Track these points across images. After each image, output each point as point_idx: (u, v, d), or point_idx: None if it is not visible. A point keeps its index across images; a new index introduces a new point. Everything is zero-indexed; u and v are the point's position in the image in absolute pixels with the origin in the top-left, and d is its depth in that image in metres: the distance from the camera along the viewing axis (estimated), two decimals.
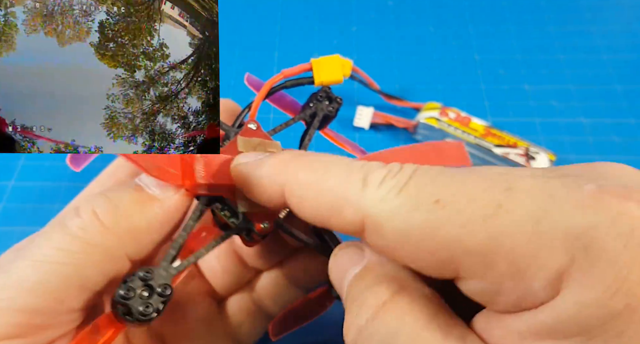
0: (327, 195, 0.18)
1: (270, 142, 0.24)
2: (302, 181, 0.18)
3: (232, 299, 0.29)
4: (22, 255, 0.19)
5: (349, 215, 0.17)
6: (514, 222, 0.14)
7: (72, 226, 0.19)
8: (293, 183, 0.19)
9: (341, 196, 0.17)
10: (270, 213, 0.22)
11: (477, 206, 0.15)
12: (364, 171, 0.17)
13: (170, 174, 0.20)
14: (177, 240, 0.20)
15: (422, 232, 0.15)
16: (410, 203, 0.16)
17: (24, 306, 0.17)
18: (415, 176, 0.16)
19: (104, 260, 0.19)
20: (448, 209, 0.15)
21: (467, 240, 0.14)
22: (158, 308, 0.18)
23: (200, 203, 0.21)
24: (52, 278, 0.18)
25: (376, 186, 0.17)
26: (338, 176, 0.18)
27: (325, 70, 0.26)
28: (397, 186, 0.16)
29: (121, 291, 0.18)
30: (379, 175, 0.17)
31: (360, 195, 0.17)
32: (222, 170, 0.22)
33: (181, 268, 0.20)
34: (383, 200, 0.16)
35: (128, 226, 0.19)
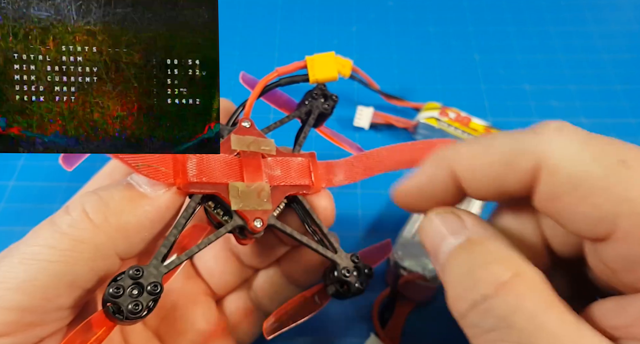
0: (499, 152, 0.18)
1: (264, 140, 0.24)
2: (474, 151, 0.19)
3: (230, 298, 0.29)
4: (10, 253, 0.18)
5: (524, 164, 0.17)
6: None
7: (61, 224, 0.19)
8: (464, 155, 0.19)
9: (516, 146, 0.18)
10: (263, 212, 0.22)
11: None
12: (534, 126, 0.18)
13: (161, 172, 0.20)
14: (169, 238, 0.20)
15: (599, 184, 0.16)
16: (596, 154, 0.16)
17: (13, 304, 0.17)
18: (595, 135, 0.17)
19: (93, 258, 0.19)
20: (633, 170, 0.16)
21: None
22: (148, 306, 0.18)
23: (193, 201, 0.21)
24: (41, 276, 0.18)
25: (557, 133, 0.17)
26: (505, 138, 0.18)
27: (319, 67, 0.26)
28: (582, 137, 0.17)
29: (110, 289, 0.18)
30: (556, 124, 0.18)
31: (539, 141, 0.17)
32: (215, 168, 0.21)
33: (172, 267, 0.20)
34: (566, 146, 0.17)
35: (118, 223, 0.19)
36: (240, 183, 0.22)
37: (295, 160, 0.24)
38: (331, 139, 0.29)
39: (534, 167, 0.17)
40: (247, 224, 0.22)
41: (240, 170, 0.22)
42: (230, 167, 0.22)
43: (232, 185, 0.22)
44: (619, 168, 0.16)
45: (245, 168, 0.22)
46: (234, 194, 0.21)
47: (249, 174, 0.22)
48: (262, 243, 0.27)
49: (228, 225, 0.22)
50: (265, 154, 0.23)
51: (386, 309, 0.32)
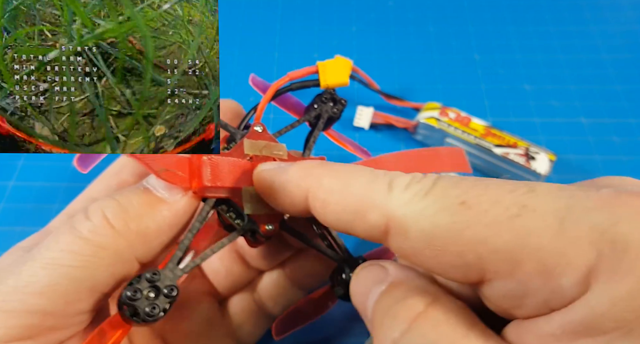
0: (351, 198, 0.18)
1: (276, 144, 0.24)
2: (327, 186, 0.19)
3: (234, 299, 0.29)
4: (32, 257, 0.19)
5: (373, 218, 0.17)
6: (539, 221, 0.14)
7: (82, 229, 0.19)
8: (318, 188, 0.19)
9: (366, 200, 0.17)
10: (275, 215, 0.22)
11: (502, 207, 0.15)
12: (389, 177, 0.18)
13: (178, 177, 0.20)
14: (184, 242, 0.20)
15: (449, 233, 0.16)
16: (437, 204, 0.16)
17: (35, 308, 0.18)
18: (440, 181, 0.17)
19: (114, 263, 0.19)
20: (474, 210, 0.15)
21: (494, 240, 0.15)
22: (164, 308, 0.19)
23: (207, 205, 0.21)
24: (63, 281, 0.18)
25: (402, 190, 0.17)
26: (362, 182, 0.18)
27: (331, 73, 0.26)
28: (423, 190, 0.17)
29: (128, 292, 0.18)
30: (404, 180, 0.17)
31: (386, 198, 0.17)
32: (229, 172, 0.22)
33: (187, 270, 0.20)
34: (409, 202, 0.17)
35: (138, 229, 0.20)
36: (253, 187, 0.22)
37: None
38: (339, 142, 0.29)
39: (385, 224, 0.17)
40: (260, 228, 0.22)
41: (252, 173, 0.22)
42: (243, 171, 0.22)
43: (245, 190, 0.22)
44: (462, 212, 0.15)
45: None
46: (247, 198, 0.22)
47: None
48: (268, 245, 0.27)
49: (240, 229, 0.22)
50: (277, 158, 0.24)
51: None
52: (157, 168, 0.20)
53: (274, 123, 0.41)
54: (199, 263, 0.21)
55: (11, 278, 0.18)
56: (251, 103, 0.26)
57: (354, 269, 0.24)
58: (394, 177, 0.18)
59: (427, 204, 0.16)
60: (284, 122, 0.26)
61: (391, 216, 0.17)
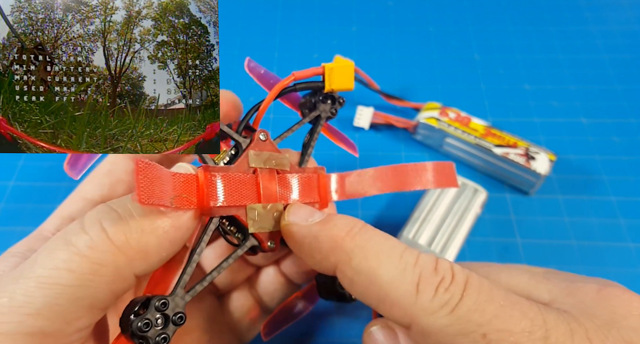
0: (378, 290, 0.19)
1: (279, 155, 0.24)
2: (355, 267, 0.20)
3: (233, 295, 0.29)
4: (26, 274, 0.18)
5: (397, 314, 0.19)
6: None
7: (79, 244, 0.18)
8: (346, 265, 0.20)
9: (392, 297, 0.19)
10: (278, 233, 0.23)
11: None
12: (417, 272, 0.19)
13: (189, 201, 0.19)
14: (191, 265, 0.20)
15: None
16: (459, 327, 0.18)
17: (33, 329, 0.17)
18: (467, 295, 0.18)
19: (113, 280, 0.18)
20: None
21: None
22: (172, 333, 0.19)
23: (213, 224, 0.21)
24: (60, 301, 0.17)
25: (429, 298, 0.18)
26: (391, 272, 0.19)
27: (337, 77, 0.26)
28: (450, 305, 0.18)
29: (139, 323, 0.18)
30: (432, 285, 0.19)
31: (412, 303, 0.19)
32: (236, 192, 0.21)
33: (194, 294, 0.20)
34: (434, 315, 0.18)
35: (138, 245, 0.18)
36: (258, 205, 0.22)
37: (304, 176, 0.25)
38: (331, 137, 0.29)
39: (408, 323, 0.19)
40: (262, 245, 0.22)
41: (257, 189, 0.22)
42: (248, 188, 0.22)
43: (250, 208, 0.22)
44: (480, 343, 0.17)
45: (262, 188, 0.22)
46: (252, 216, 0.22)
47: (265, 194, 0.23)
48: None
49: (244, 246, 0.22)
50: (280, 170, 0.24)
51: None
52: (168, 200, 0.18)
53: (274, 123, 0.41)
54: (206, 285, 0.20)
55: (5, 297, 0.17)
56: (251, 103, 0.26)
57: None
58: (423, 276, 0.19)
59: (450, 322, 0.18)
60: (283, 122, 0.26)
61: (416, 321, 0.18)
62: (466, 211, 0.34)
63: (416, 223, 0.33)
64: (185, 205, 0.19)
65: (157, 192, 0.18)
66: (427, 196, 0.35)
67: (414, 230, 0.33)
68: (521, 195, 0.39)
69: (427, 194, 0.35)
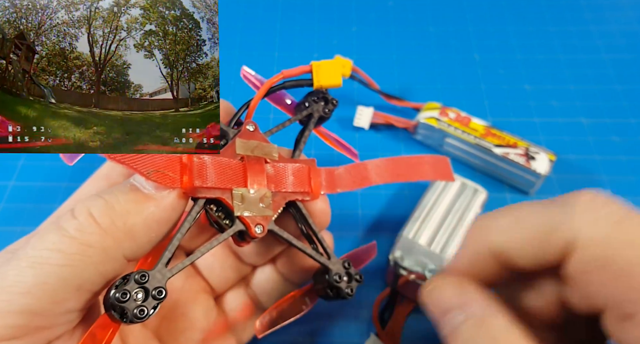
0: (532, 228, 0.20)
1: (267, 144, 0.24)
2: (505, 224, 0.20)
3: (229, 295, 0.29)
4: (17, 256, 0.18)
5: (555, 241, 0.19)
6: None
7: (68, 228, 0.19)
8: (499, 232, 0.21)
9: (548, 223, 0.19)
10: (264, 218, 0.22)
11: None
12: (560, 202, 0.19)
13: (168, 178, 0.20)
14: (173, 243, 0.20)
15: (629, 269, 0.17)
16: (629, 238, 0.18)
17: (21, 308, 0.17)
18: (627, 211, 0.18)
19: (101, 261, 0.19)
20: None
21: None
22: (153, 309, 0.19)
23: (197, 206, 0.21)
24: (50, 280, 0.18)
25: (588, 210, 0.19)
26: (536, 210, 0.20)
27: (325, 74, 0.26)
28: (614, 214, 0.18)
29: (117, 294, 0.18)
30: (588, 197, 0.19)
31: (570, 218, 0.19)
32: (221, 173, 0.22)
33: (176, 271, 0.20)
34: (598, 226, 0.18)
35: (125, 226, 0.19)
36: (244, 189, 0.22)
37: (296, 166, 0.25)
38: (328, 141, 0.29)
39: (566, 244, 0.19)
40: (248, 230, 0.22)
41: (244, 175, 0.22)
42: (234, 172, 0.22)
43: (236, 191, 0.22)
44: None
45: (248, 173, 0.22)
46: (238, 200, 0.22)
47: (252, 180, 0.23)
48: (260, 241, 0.27)
49: (230, 230, 0.22)
50: (268, 159, 0.24)
51: (386, 309, 0.32)
52: (146, 169, 0.19)
53: (274, 123, 0.41)
54: (188, 265, 0.20)
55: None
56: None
57: (338, 273, 0.25)
58: (573, 194, 0.19)
59: (616, 234, 0.18)
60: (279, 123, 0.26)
61: (576, 237, 0.18)
62: (466, 211, 0.34)
63: (416, 223, 0.33)
64: (167, 181, 0.20)
65: (133, 159, 0.19)
66: (427, 196, 0.35)
67: (414, 229, 0.33)
68: (521, 195, 0.39)
69: (427, 194, 0.35)
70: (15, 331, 0.17)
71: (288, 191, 0.24)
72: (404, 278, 0.31)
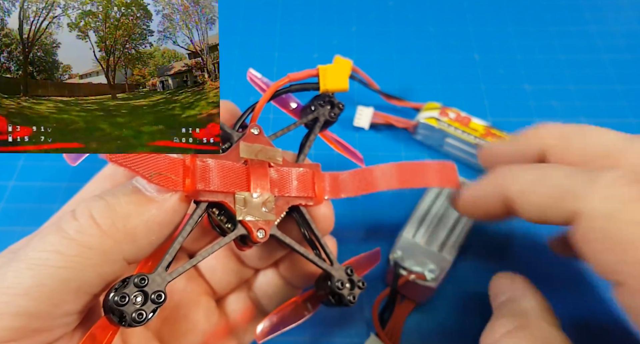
0: (551, 187, 0.21)
1: (271, 148, 0.24)
2: (527, 179, 0.22)
3: (231, 298, 0.29)
4: (17, 258, 0.18)
5: (568, 204, 0.20)
6: None
7: (68, 229, 0.19)
8: (517, 181, 0.23)
9: (567, 187, 0.20)
10: (267, 222, 0.22)
11: None
12: (590, 173, 0.21)
13: (172, 181, 0.20)
14: (174, 246, 0.20)
15: (624, 244, 0.18)
16: (631, 217, 0.18)
17: (20, 310, 0.17)
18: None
19: (101, 263, 0.19)
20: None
21: None
22: (152, 313, 0.19)
23: (199, 209, 0.21)
24: (49, 282, 0.18)
25: (607, 186, 0.20)
26: (561, 173, 0.21)
27: (331, 78, 0.26)
28: (630, 194, 0.19)
29: (116, 297, 0.18)
30: (611, 177, 0.20)
31: (588, 189, 0.20)
32: (224, 177, 0.21)
33: (176, 275, 0.20)
34: (610, 201, 0.19)
35: (125, 228, 0.19)
36: (247, 193, 0.22)
37: (300, 171, 0.25)
38: (333, 145, 0.29)
39: (572, 214, 0.20)
40: (250, 234, 0.22)
41: (247, 179, 0.22)
42: (237, 176, 0.22)
43: (239, 195, 0.22)
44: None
45: (252, 177, 0.22)
46: (240, 204, 0.22)
47: (255, 184, 0.22)
48: (263, 245, 0.27)
49: (232, 234, 0.22)
50: (272, 163, 0.24)
51: (386, 309, 0.32)
52: (148, 172, 0.19)
53: (274, 123, 0.41)
54: (188, 269, 0.20)
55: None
56: (251, 103, 0.26)
57: (341, 280, 0.25)
58: (600, 171, 0.20)
59: (624, 211, 0.19)
60: (283, 122, 0.26)
61: (588, 207, 0.19)
62: None
63: (416, 223, 0.33)
64: (169, 184, 0.20)
65: (135, 162, 0.19)
66: (427, 196, 0.35)
67: (414, 229, 0.33)
68: None
69: (427, 194, 0.35)
70: (13, 333, 0.17)
71: (291, 196, 0.24)
72: (404, 278, 0.31)
